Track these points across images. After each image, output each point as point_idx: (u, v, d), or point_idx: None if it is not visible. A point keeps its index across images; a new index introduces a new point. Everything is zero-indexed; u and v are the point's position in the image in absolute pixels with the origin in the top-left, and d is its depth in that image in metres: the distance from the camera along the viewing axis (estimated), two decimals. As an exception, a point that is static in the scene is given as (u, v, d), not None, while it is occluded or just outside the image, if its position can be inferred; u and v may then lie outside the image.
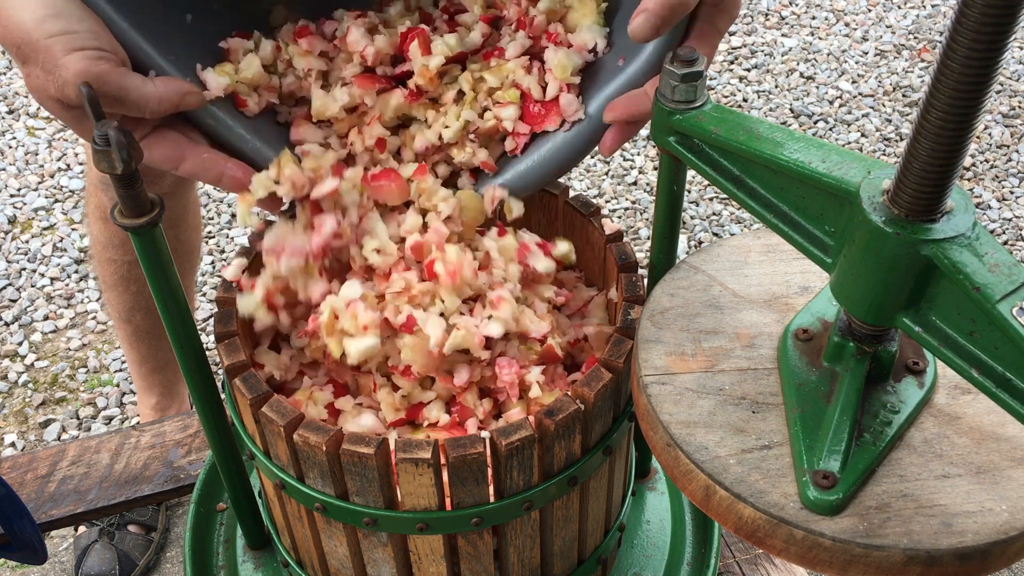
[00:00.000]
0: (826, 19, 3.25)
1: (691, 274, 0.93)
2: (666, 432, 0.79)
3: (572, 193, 1.09)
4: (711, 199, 2.59)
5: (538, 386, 0.97)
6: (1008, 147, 2.76)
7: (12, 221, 2.53)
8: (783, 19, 3.26)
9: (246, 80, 0.95)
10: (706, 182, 2.56)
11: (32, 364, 2.19)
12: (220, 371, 1.11)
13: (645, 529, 1.29)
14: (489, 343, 0.95)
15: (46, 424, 2.07)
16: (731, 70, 3.04)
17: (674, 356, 0.86)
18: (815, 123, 2.84)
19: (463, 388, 0.97)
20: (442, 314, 0.94)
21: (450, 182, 1.02)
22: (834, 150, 0.75)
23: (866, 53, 3.10)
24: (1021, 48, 3.11)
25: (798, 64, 3.05)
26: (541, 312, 1.00)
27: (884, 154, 2.73)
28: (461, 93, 1.00)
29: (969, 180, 2.66)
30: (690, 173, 0.91)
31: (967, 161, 2.69)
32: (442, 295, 0.95)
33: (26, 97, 2.93)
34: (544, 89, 0.97)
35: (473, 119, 0.98)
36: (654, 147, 2.30)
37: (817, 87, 2.96)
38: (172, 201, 1.58)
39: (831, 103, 2.91)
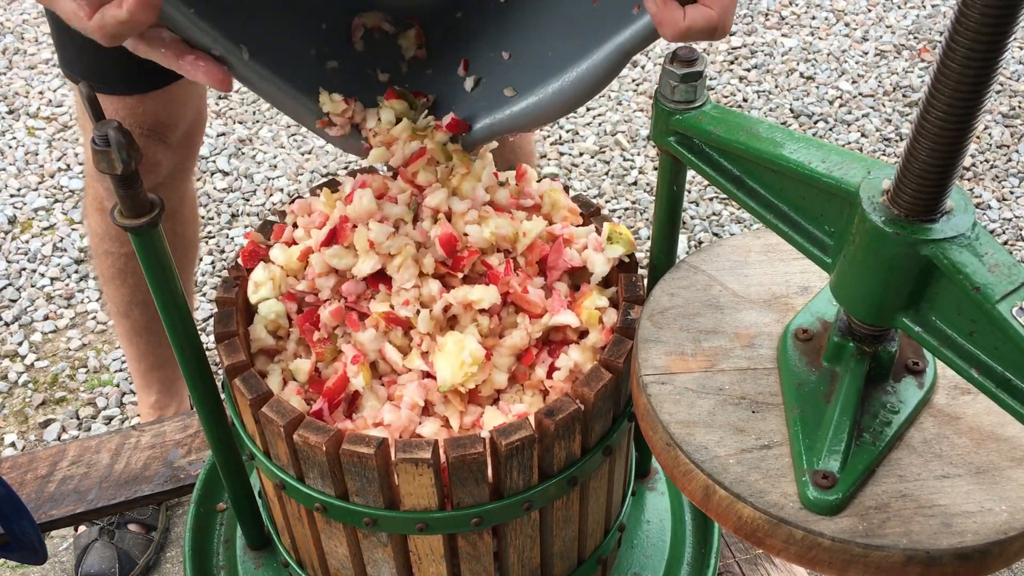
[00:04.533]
0: (826, 19, 3.25)
1: (691, 274, 0.93)
2: (666, 432, 0.79)
3: (572, 193, 1.09)
4: (711, 199, 2.59)
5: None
6: (1008, 147, 2.76)
7: (12, 221, 2.53)
8: (783, 19, 3.26)
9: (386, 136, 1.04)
10: (706, 182, 2.56)
11: (32, 364, 2.19)
12: (220, 371, 1.11)
13: (645, 529, 1.29)
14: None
15: (46, 424, 2.06)
16: (731, 70, 3.03)
17: (674, 356, 0.86)
18: (815, 123, 2.83)
19: None
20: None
21: None
22: (834, 150, 0.75)
23: (866, 53, 3.10)
24: (1021, 48, 3.11)
25: (798, 64, 3.05)
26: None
27: (884, 154, 2.73)
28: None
29: (969, 180, 2.66)
30: (690, 173, 0.91)
31: (967, 161, 2.69)
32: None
33: (26, 97, 2.93)
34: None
35: None
36: (654, 147, 2.30)
37: (817, 87, 2.96)
38: (167, 192, 1.57)
39: (831, 103, 2.91)
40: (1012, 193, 2.62)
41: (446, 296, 0.97)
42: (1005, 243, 2.48)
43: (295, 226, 1.05)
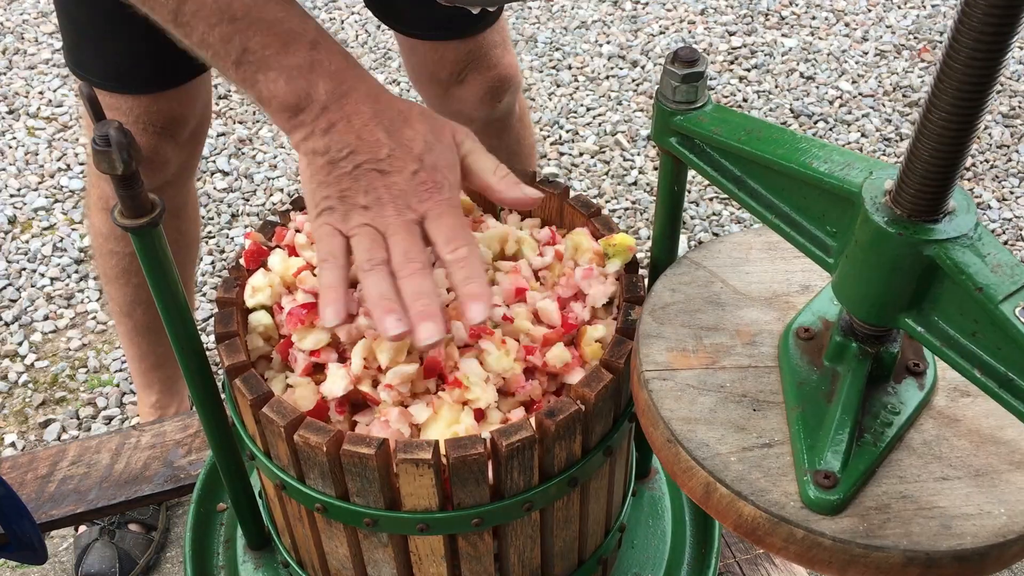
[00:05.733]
0: (826, 19, 3.25)
1: (692, 270, 0.93)
2: (667, 428, 0.79)
3: (572, 193, 1.09)
4: (711, 199, 2.59)
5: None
6: (1008, 147, 2.76)
7: (12, 221, 2.53)
8: (783, 19, 3.26)
9: None
10: (706, 182, 2.56)
11: (32, 364, 2.19)
12: (220, 371, 1.11)
13: (645, 529, 1.29)
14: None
15: (46, 424, 2.06)
16: (731, 70, 3.03)
17: (675, 352, 0.85)
18: (815, 123, 2.83)
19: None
20: None
21: None
22: (835, 150, 0.75)
23: (866, 53, 3.10)
24: (1021, 48, 3.11)
25: (798, 64, 3.05)
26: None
27: (884, 154, 2.73)
28: None
29: (969, 180, 2.66)
30: (690, 173, 0.91)
31: (967, 161, 2.69)
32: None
33: (26, 97, 2.92)
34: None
35: None
36: (654, 147, 2.30)
37: (817, 87, 2.96)
38: (174, 190, 1.57)
39: (831, 103, 2.91)
40: (1012, 193, 2.62)
41: (443, 395, 0.93)
42: (1005, 243, 2.48)
43: (298, 231, 1.04)
